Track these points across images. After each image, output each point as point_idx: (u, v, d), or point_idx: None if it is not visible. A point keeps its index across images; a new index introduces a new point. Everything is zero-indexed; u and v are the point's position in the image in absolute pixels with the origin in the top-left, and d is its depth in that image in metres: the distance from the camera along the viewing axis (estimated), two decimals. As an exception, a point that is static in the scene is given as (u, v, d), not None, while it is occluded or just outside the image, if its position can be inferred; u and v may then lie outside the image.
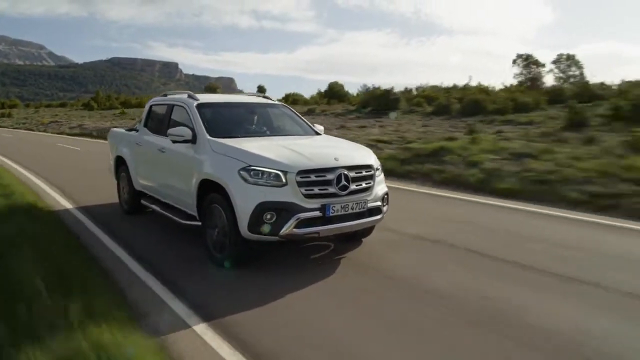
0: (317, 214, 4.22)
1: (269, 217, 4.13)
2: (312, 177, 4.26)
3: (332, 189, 4.30)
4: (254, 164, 4.26)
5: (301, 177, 4.20)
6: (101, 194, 7.98)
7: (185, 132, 4.99)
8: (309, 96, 41.98)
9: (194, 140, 4.96)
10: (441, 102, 23.36)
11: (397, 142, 13.44)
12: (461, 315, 3.49)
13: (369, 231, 5.25)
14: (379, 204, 4.69)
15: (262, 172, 4.22)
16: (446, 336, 3.20)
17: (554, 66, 41.80)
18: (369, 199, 4.56)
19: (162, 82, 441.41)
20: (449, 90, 28.29)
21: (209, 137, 4.87)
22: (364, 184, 4.55)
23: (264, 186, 4.19)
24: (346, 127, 18.93)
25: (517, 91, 23.63)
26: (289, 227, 4.13)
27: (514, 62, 42.89)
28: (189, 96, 5.62)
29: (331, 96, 33.84)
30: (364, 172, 4.58)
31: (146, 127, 6.31)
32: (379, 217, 4.71)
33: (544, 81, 36.21)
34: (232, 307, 3.66)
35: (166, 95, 6.32)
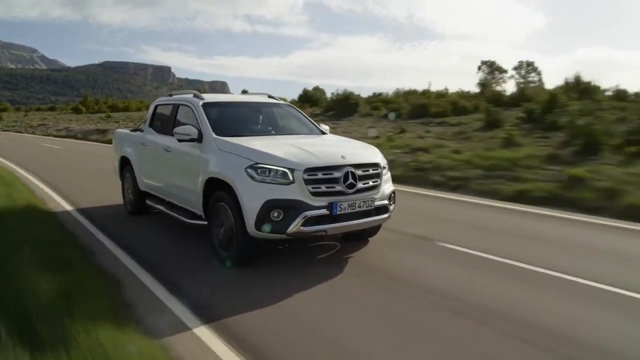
0: (325, 212, 4.23)
1: (276, 215, 4.13)
2: (319, 175, 4.27)
3: (339, 187, 4.31)
4: (260, 161, 4.27)
5: (308, 175, 4.21)
6: (61, 172, 11.75)
7: (191, 130, 4.99)
8: (289, 100, 42.80)
9: (200, 139, 4.96)
10: (394, 106, 25.66)
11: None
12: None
13: (375, 231, 5.26)
14: (386, 202, 4.71)
15: (269, 170, 4.22)
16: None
17: (515, 72, 45.58)
18: (376, 197, 4.58)
19: (154, 86, 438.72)
20: (410, 94, 30.62)
21: (215, 136, 4.87)
22: (370, 182, 4.57)
23: (271, 184, 4.19)
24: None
25: (462, 97, 26.41)
26: (296, 225, 4.13)
27: (479, 68, 46.32)
28: (195, 95, 5.62)
29: (305, 100, 34.52)
30: (370, 171, 4.60)
31: (151, 127, 6.31)
32: (386, 215, 4.73)
33: (503, 86, 39.19)
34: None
35: (171, 95, 6.33)
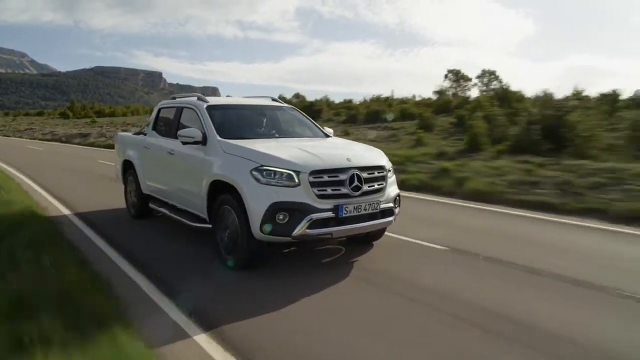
0: (330, 214, 4.18)
1: (281, 217, 4.08)
2: (325, 178, 4.22)
3: (344, 190, 4.26)
4: (266, 163, 4.23)
5: (314, 178, 4.17)
6: (36, 164, 14.99)
7: (195, 133, 4.96)
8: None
9: (204, 141, 4.94)
10: (352, 112, 28.51)
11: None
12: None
13: (379, 234, 5.20)
14: (391, 205, 4.65)
15: (275, 172, 4.18)
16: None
17: (478, 80, 48.30)
18: (381, 200, 4.52)
19: (145, 92, 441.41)
20: (374, 101, 32.90)
21: (220, 138, 4.84)
22: (376, 185, 4.52)
23: (277, 186, 4.15)
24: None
25: (419, 103, 29.38)
26: (302, 228, 4.08)
27: (446, 76, 48.99)
28: (199, 98, 5.61)
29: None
30: (376, 173, 4.55)
31: (154, 130, 6.30)
32: (391, 218, 4.67)
33: (467, 94, 42.21)
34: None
35: (175, 98, 6.32)
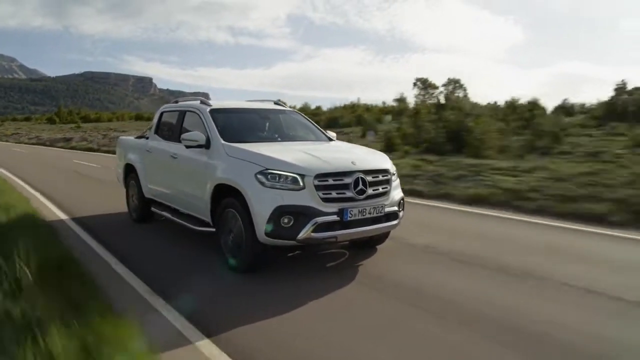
0: (335, 218, 4.17)
1: (286, 221, 4.07)
2: (330, 181, 4.22)
3: (349, 193, 4.26)
4: (271, 167, 4.22)
5: (319, 181, 4.17)
6: (18, 163, 17.40)
7: (199, 136, 4.96)
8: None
9: (207, 145, 4.93)
10: (316, 118, 30.56)
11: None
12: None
13: (383, 238, 5.20)
14: (395, 208, 4.65)
15: (279, 176, 4.17)
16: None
17: (443, 88, 51.20)
18: (386, 203, 4.52)
19: (135, 97, 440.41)
20: (345, 108, 34.65)
21: (224, 142, 4.84)
22: (380, 189, 4.52)
23: (281, 190, 4.14)
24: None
25: (381, 110, 31.16)
26: (307, 231, 4.07)
27: (414, 84, 52.61)
28: (202, 102, 5.60)
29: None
30: (380, 177, 4.55)
31: (157, 134, 6.28)
32: (395, 222, 4.67)
33: (434, 100, 44.02)
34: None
35: (177, 101, 6.32)
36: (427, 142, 14.93)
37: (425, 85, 51.71)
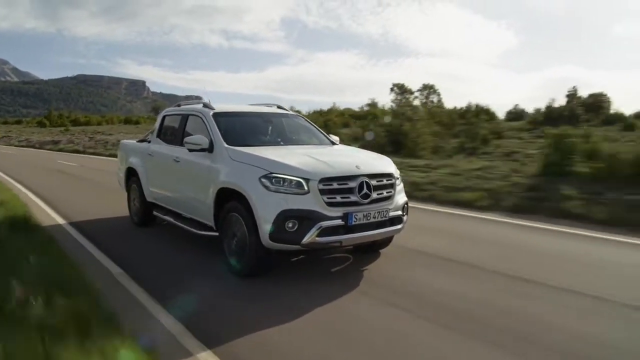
0: (339, 222, 4.15)
1: (290, 225, 4.05)
2: (335, 185, 4.20)
3: (354, 197, 4.24)
4: (275, 171, 4.20)
5: (324, 185, 4.14)
6: (6, 163, 18.44)
7: (202, 140, 4.94)
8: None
9: (210, 148, 4.91)
10: None
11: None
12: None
13: (386, 242, 5.17)
14: (399, 213, 4.63)
15: (284, 180, 4.15)
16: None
17: (419, 94, 54.01)
18: (390, 207, 4.50)
19: (128, 100, 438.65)
20: (314, 112, 35.53)
21: (227, 145, 4.81)
22: (385, 193, 4.50)
23: (286, 194, 4.12)
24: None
25: (351, 115, 31.86)
26: (311, 236, 4.05)
27: (392, 89, 54.84)
28: (205, 105, 5.58)
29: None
30: (385, 181, 4.53)
31: (159, 137, 6.26)
32: (399, 226, 4.65)
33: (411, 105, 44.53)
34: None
35: (180, 105, 6.30)
36: (373, 144, 15.56)
37: (401, 90, 54.86)
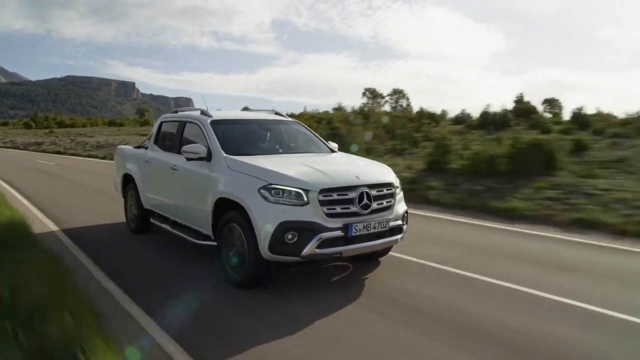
0: (339, 233, 4.11)
1: (290, 237, 4.00)
2: (334, 196, 4.16)
3: (354, 208, 4.20)
4: (274, 182, 4.16)
5: (323, 196, 4.10)
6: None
7: (200, 149, 4.89)
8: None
9: (209, 157, 4.86)
10: None
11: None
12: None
13: (386, 251, 5.14)
14: (399, 222, 4.60)
15: (283, 191, 4.11)
16: None
17: (389, 98, 56.53)
18: (390, 217, 4.46)
19: (118, 102, 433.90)
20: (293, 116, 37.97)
21: (226, 155, 4.76)
22: (385, 203, 4.46)
23: (285, 205, 4.08)
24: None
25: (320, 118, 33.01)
26: (311, 247, 4.01)
27: (364, 94, 57.70)
28: (202, 113, 5.52)
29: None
30: (385, 191, 4.49)
31: (156, 144, 6.19)
32: (399, 236, 4.61)
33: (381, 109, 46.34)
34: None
35: (177, 112, 6.24)
36: None
37: (373, 94, 57.22)
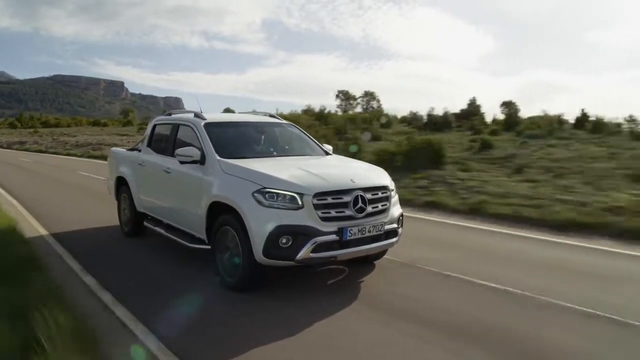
0: (334, 237, 4.08)
1: (284, 241, 3.97)
2: (329, 200, 4.13)
3: (349, 212, 4.17)
4: (268, 186, 4.12)
5: (318, 200, 4.07)
6: None
7: (193, 152, 4.84)
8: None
9: (202, 161, 4.82)
10: None
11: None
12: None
13: (381, 254, 5.11)
14: (395, 226, 4.58)
15: (277, 195, 4.08)
16: None
17: (360, 100, 57.90)
18: (385, 221, 4.44)
19: (106, 101, 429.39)
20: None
21: (219, 158, 4.72)
22: (380, 206, 4.43)
23: (279, 209, 4.05)
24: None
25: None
26: (305, 252, 3.98)
27: (337, 96, 59.28)
28: (196, 115, 5.47)
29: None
30: (380, 194, 4.47)
31: (150, 147, 6.14)
32: (395, 239, 4.60)
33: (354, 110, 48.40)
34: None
35: (170, 114, 6.19)
36: None
37: (346, 96, 58.57)
